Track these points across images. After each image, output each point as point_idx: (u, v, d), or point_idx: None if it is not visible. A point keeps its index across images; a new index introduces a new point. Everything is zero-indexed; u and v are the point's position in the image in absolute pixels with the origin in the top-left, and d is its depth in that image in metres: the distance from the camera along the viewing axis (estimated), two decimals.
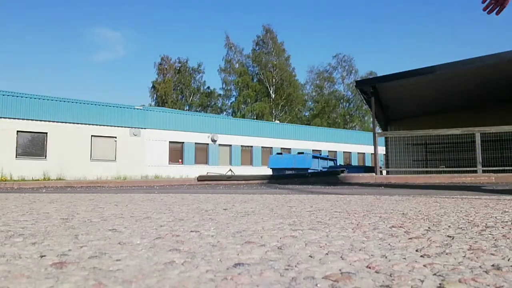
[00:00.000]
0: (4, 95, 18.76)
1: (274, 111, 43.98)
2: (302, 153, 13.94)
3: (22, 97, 19.39)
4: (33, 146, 19.50)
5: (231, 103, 45.80)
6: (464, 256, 0.66)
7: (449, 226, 0.99)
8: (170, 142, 23.97)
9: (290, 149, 26.64)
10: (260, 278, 0.53)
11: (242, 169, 24.37)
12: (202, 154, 24.93)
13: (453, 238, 0.82)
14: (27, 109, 19.34)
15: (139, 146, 22.49)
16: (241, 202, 1.80)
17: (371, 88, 8.94)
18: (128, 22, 61.39)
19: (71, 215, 1.33)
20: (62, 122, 20.18)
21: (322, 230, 0.95)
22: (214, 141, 25.17)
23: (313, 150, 27.08)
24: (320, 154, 15.56)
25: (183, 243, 0.79)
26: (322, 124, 42.70)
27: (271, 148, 26.63)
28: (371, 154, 10.41)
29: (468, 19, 59.17)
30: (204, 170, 21.26)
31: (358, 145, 32.45)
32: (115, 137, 21.84)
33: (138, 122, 22.78)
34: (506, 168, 7.42)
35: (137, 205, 1.72)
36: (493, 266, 0.59)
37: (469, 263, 0.60)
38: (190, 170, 22.07)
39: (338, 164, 18.05)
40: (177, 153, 24.29)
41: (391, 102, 11.06)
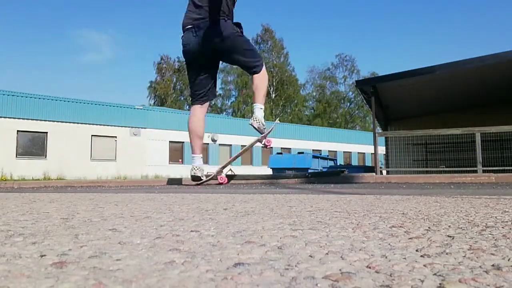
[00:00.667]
0: (4, 95, 18.73)
1: (274, 111, 43.94)
2: (302, 153, 13.94)
3: (23, 96, 19.37)
4: (33, 146, 19.50)
5: (231, 103, 45.77)
6: (464, 256, 0.66)
7: (449, 226, 0.99)
8: (170, 141, 23.97)
9: (290, 149, 26.65)
10: (260, 277, 0.53)
11: (242, 169, 24.37)
12: (202, 153, 24.93)
13: (453, 238, 0.83)
14: (27, 108, 19.32)
15: (139, 146, 22.48)
16: (241, 201, 1.80)
17: (371, 88, 8.95)
18: (128, 22, 61.48)
19: (71, 215, 1.33)
20: (62, 122, 20.16)
21: (322, 230, 0.95)
22: (214, 141, 25.17)
23: (313, 150, 27.08)
24: (320, 154, 15.56)
25: (183, 243, 0.79)
26: (323, 124, 42.69)
27: (271, 148, 26.63)
28: (371, 154, 10.41)
29: (468, 19, 59.17)
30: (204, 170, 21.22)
31: (358, 145, 32.41)
32: (115, 136, 21.83)
33: (138, 122, 22.76)
34: (506, 168, 7.42)
35: (137, 204, 1.72)
36: (493, 266, 0.59)
37: (469, 263, 0.60)
38: None
39: (338, 164, 18.06)
40: (177, 153, 24.29)
41: (391, 102, 11.06)
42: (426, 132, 9.03)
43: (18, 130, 19.14)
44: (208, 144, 24.98)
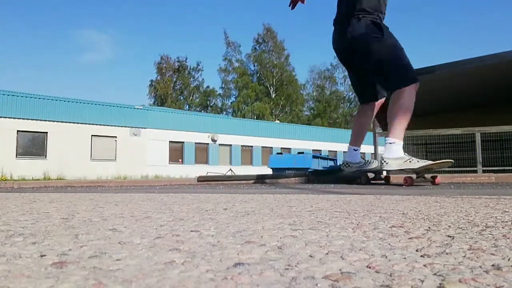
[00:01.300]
0: (4, 95, 18.72)
1: (274, 111, 43.92)
2: (302, 153, 13.95)
3: (23, 96, 19.36)
4: (33, 146, 19.50)
5: (231, 103, 45.75)
6: (464, 256, 0.66)
7: (449, 226, 0.99)
8: (170, 141, 23.94)
9: (290, 149, 26.64)
10: (260, 277, 0.53)
11: (242, 169, 24.37)
12: (202, 154, 24.92)
13: (453, 238, 0.83)
14: (27, 108, 19.31)
15: (139, 146, 22.47)
16: (241, 201, 1.80)
17: None
18: (128, 22, 61.50)
19: (71, 215, 1.33)
20: (62, 122, 20.15)
21: (322, 230, 0.95)
22: (214, 140, 25.16)
23: (313, 150, 27.07)
24: (320, 154, 15.57)
25: (183, 243, 0.79)
26: (323, 124, 42.67)
27: (271, 148, 26.64)
28: (371, 154, 10.40)
29: (468, 19, 59.17)
30: (204, 169, 21.26)
31: None
32: (115, 136, 21.82)
33: (138, 122, 22.75)
34: (506, 168, 7.41)
35: (137, 204, 1.72)
36: (493, 266, 0.59)
37: (469, 263, 0.60)
38: (190, 170, 22.07)
39: (338, 164, 18.03)
40: (177, 152, 24.27)
41: None
42: (426, 132, 9.02)
43: (18, 130, 19.13)
44: (208, 144, 24.98)
